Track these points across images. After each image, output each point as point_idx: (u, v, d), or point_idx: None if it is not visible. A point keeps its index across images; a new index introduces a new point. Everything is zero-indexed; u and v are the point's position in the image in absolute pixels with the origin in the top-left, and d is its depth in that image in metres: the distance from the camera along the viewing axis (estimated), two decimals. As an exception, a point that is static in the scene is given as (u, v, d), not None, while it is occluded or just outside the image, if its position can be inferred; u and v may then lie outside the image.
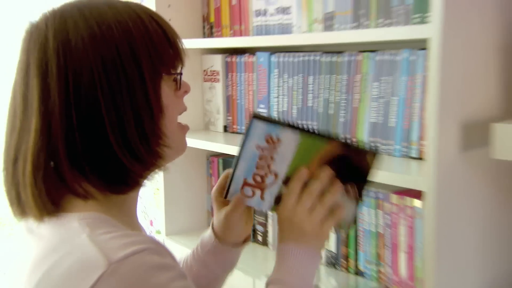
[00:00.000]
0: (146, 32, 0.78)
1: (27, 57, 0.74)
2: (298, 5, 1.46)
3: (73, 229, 0.70)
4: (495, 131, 1.03)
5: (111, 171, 0.75)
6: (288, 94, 1.52)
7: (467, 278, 1.22)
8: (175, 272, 0.72)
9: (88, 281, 0.63)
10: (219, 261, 1.09)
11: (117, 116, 0.74)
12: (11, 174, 0.76)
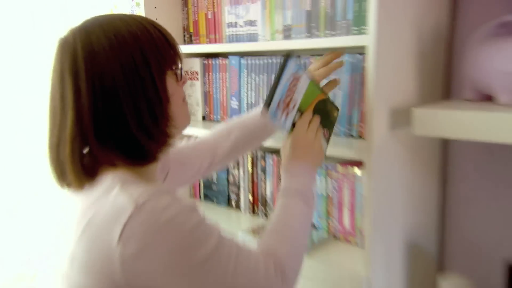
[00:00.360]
0: (152, 38, 0.84)
1: (61, 66, 0.81)
2: (262, 19, 1.49)
3: (108, 185, 0.78)
4: (414, 114, 1.09)
5: (131, 150, 0.82)
6: (255, 90, 1.55)
7: (393, 226, 1.28)
8: (185, 206, 0.78)
9: (121, 221, 0.72)
10: (261, 132, 1.25)
11: (134, 107, 0.80)
12: (55, 156, 0.83)
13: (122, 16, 0.87)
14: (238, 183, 1.66)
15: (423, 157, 1.36)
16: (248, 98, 1.58)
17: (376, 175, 1.16)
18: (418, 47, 1.24)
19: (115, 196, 0.76)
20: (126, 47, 0.82)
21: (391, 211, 1.25)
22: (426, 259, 1.41)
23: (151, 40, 0.85)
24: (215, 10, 1.62)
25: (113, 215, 0.74)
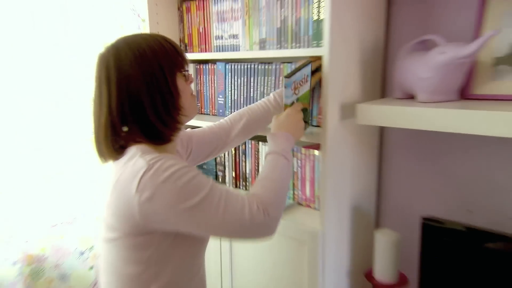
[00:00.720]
0: (165, 50, 0.93)
1: (99, 74, 0.91)
2: (243, 33, 1.51)
3: (132, 154, 0.87)
4: (358, 108, 1.17)
5: (150, 133, 0.91)
6: (237, 89, 1.59)
7: (342, 193, 1.34)
8: (184, 166, 0.87)
9: (138, 176, 0.82)
10: (265, 118, 1.29)
11: (151, 102, 0.89)
12: (96, 139, 0.93)
13: (143, 35, 0.95)
14: (224, 163, 1.68)
15: (365, 140, 1.41)
16: (231, 95, 1.60)
17: (329, 155, 1.22)
18: (361, 57, 1.29)
19: (135, 161, 0.85)
20: (146, 58, 0.90)
21: (341, 182, 1.31)
22: (366, 218, 1.46)
23: (164, 51, 0.93)
24: (205, 25, 1.65)
25: (132, 173, 0.83)
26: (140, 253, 0.89)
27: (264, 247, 1.39)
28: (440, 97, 1.09)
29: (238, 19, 1.51)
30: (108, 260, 0.93)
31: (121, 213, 0.85)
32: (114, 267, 0.93)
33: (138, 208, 0.82)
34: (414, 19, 1.31)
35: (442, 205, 1.34)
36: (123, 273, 0.91)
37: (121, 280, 0.92)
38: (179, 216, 0.84)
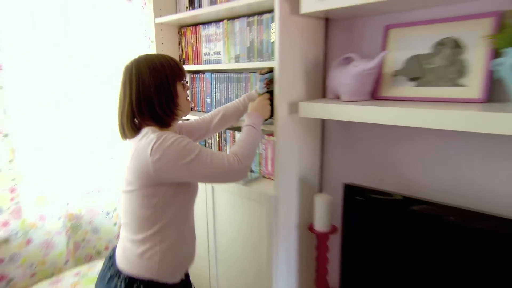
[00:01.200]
0: (170, 66, 1.02)
1: (124, 78, 1.00)
2: (223, 51, 1.53)
3: (145, 132, 0.96)
4: (300, 106, 1.22)
5: (157, 120, 1.00)
6: (219, 92, 1.60)
7: (292, 168, 1.35)
8: (182, 137, 0.95)
9: (151, 145, 0.91)
10: (236, 115, 1.33)
11: (159, 100, 0.99)
12: (120, 123, 1.01)
13: (157, 55, 1.04)
14: (210, 147, 1.69)
15: (310, 129, 1.43)
16: (215, 97, 1.62)
17: (280, 141, 1.27)
18: (305, 68, 1.32)
19: (148, 136, 0.94)
20: (157, 70, 1.00)
21: (290, 160, 1.35)
22: (310, 186, 1.47)
23: (170, 66, 1.02)
24: (197, 45, 1.67)
25: (146, 143, 0.93)
26: (150, 200, 0.97)
27: (237, 207, 1.42)
28: (356, 97, 1.16)
29: (220, 40, 1.53)
30: (127, 207, 1.00)
31: (139, 171, 0.93)
32: (131, 211, 0.99)
33: (152, 166, 0.91)
34: (343, 42, 1.34)
35: (363, 175, 1.37)
36: (138, 215, 0.98)
37: (137, 221, 0.99)
38: (180, 169, 0.93)
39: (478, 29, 1.00)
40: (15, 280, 1.43)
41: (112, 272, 0.99)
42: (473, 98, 1.00)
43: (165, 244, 0.98)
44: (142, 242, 0.97)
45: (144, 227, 0.97)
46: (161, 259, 0.97)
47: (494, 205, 1.07)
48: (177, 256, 1.02)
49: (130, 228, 0.99)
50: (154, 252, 0.97)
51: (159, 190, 0.96)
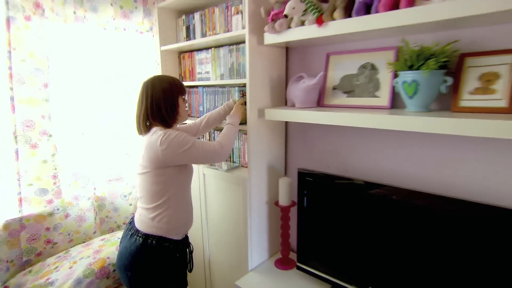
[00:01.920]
0: (176, 85, 1.19)
1: (142, 91, 1.17)
2: (212, 71, 1.66)
3: (155, 130, 1.12)
4: (266, 111, 1.37)
5: (163, 122, 1.16)
6: (209, 102, 1.71)
7: (262, 158, 1.48)
8: (181, 133, 1.10)
9: (160, 138, 1.05)
10: (219, 119, 1.48)
11: (165, 107, 1.15)
12: (137, 123, 1.17)
13: (167, 76, 1.20)
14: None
15: (275, 128, 1.55)
16: (206, 105, 1.74)
17: (252, 138, 1.42)
18: (271, 84, 1.48)
19: (157, 132, 1.10)
20: (166, 87, 1.16)
21: (261, 152, 1.48)
22: (277, 171, 1.60)
23: (175, 85, 1.19)
24: (192, 66, 1.80)
25: (156, 137, 1.08)
26: (159, 178, 1.14)
27: (222, 188, 1.58)
28: (306, 105, 1.35)
29: (209, 63, 1.68)
30: (142, 185, 1.17)
31: (151, 158, 1.10)
32: (145, 187, 1.16)
33: (161, 153, 1.08)
34: (299, 65, 1.51)
35: (315, 162, 1.54)
36: (150, 190, 1.15)
37: (149, 194, 1.15)
38: (180, 155, 1.10)
39: (386, 57, 1.24)
40: (58, 243, 1.66)
41: (132, 232, 1.19)
42: (384, 105, 1.23)
43: (170, 211, 1.16)
44: (153, 210, 1.16)
45: (155, 199, 1.15)
46: (167, 221, 1.16)
47: (404, 181, 1.28)
48: (179, 220, 1.20)
49: (145, 200, 1.17)
50: (162, 216, 1.16)
51: (165, 171, 1.13)
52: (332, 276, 1.36)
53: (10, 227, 1.52)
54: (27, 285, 1.39)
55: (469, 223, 1.00)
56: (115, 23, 1.81)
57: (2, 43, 1.41)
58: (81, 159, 1.75)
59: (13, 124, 1.47)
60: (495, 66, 1.01)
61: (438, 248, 1.06)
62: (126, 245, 1.18)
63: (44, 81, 1.54)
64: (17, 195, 1.52)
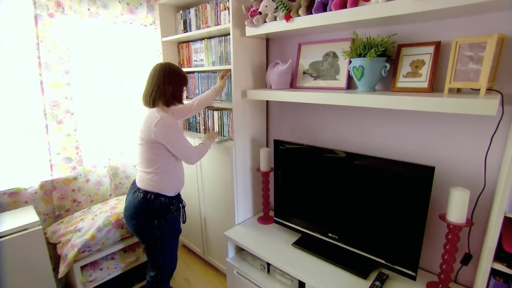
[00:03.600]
0: (185, 77, 1.36)
1: (152, 73, 1.31)
2: (205, 58, 1.83)
3: (155, 110, 1.28)
4: (248, 92, 1.57)
5: (166, 101, 1.32)
6: (203, 85, 1.90)
7: (245, 133, 1.66)
8: (174, 120, 1.24)
9: (155, 120, 1.22)
10: (209, 99, 1.60)
11: (173, 92, 1.33)
12: (144, 98, 1.33)
13: (178, 67, 1.35)
14: (199, 123, 1.99)
15: (258, 106, 1.75)
16: (200, 88, 1.93)
17: (236, 115, 1.62)
18: (253, 69, 1.66)
19: (155, 114, 1.25)
20: (179, 76, 1.33)
21: (244, 127, 1.67)
22: (259, 143, 1.81)
23: (184, 77, 1.35)
24: (189, 55, 1.98)
25: (153, 119, 1.24)
26: (153, 150, 1.30)
27: (214, 158, 1.79)
28: (280, 87, 1.56)
29: (202, 52, 1.88)
30: (141, 153, 1.34)
31: (147, 133, 1.28)
32: (142, 156, 1.33)
33: (152, 132, 1.26)
34: (276, 53, 1.72)
35: (291, 135, 1.75)
36: (147, 158, 1.33)
37: (146, 161, 1.33)
38: (166, 140, 1.28)
39: (344, 47, 1.48)
40: (82, 202, 1.98)
41: (135, 189, 1.39)
42: (342, 87, 1.46)
43: (162, 174, 1.36)
44: (149, 173, 1.36)
45: (150, 165, 1.34)
46: (160, 182, 1.36)
47: (354, 146, 1.53)
48: (171, 181, 1.40)
49: (143, 165, 1.37)
50: (158, 177, 1.36)
51: (158, 145, 1.32)
52: (301, 227, 1.64)
53: (45, 187, 1.84)
54: (61, 232, 1.73)
55: (398, 177, 1.26)
56: (123, 17, 2.04)
57: (32, 36, 1.69)
58: (98, 134, 2.00)
59: (42, 103, 1.76)
60: (421, 55, 1.25)
61: (373, 197, 1.33)
62: (130, 200, 1.39)
63: (66, 68, 1.81)
64: (48, 162, 1.83)
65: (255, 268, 1.65)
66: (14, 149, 1.71)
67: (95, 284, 1.71)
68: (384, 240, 1.32)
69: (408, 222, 1.25)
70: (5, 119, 1.66)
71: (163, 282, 1.50)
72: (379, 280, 1.30)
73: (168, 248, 1.43)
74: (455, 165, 1.25)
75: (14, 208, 1.70)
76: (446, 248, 1.19)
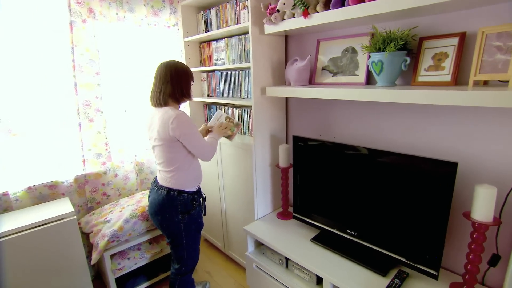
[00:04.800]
0: (190, 72, 1.39)
1: (158, 72, 1.34)
2: (226, 57, 1.87)
3: (168, 109, 1.31)
4: (267, 89, 1.58)
5: (175, 99, 1.36)
6: (223, 83, 1.95)
7: (265, 128, 1.65)
8: (188, 117, 1.28)
9: (172, 118, 1.24)
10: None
11: (178, 88, 1.34)
12: (152, 97, 1.36)
13: (182, 63, 1.37)
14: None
15: (277, 103, 1.76)
16: (221, 86, 1.97)
17: (256, 112, 1.64)
18: (272, 66, 1.67)
19: (169, 112, 1.28)
20: (185, 72, 1.35)
21: (263, 123, 1.70)
22: (279, 139, 1.82)
23: (190, 72, 1.38)
24: (210, 54, 2.03)
25: (169, 116, 1.27)
26: (172, 149, 1.33)
27: (234, 154, 1.83)
28: (299, 83, 1.58)
29: (223, 50, 1.93)
30: (159, 154, 1.37)
31: (165, 133, 1.30)
32: (162, 156, 1.36)
33: (171, 130, 1.28)
34: (295, 50, 1.72)
35: (310, 131, 1.75)
36: (167, 158, 1.35)
37: (166, 161, 1.36)
38: (182, 135, 1.30)
39: (363, 41, 1.47)
40: (111, 196, 2.10)
41: (158, 187, 1.44)
42: (361, 82, 1.45)
43: (184, 171, 1.40)
44: (171, 172, 1.40)
45: (171, 164, 1.38)
46: (182, 178, 1.41)
47: (374, 142, 1.51)
48: (191, 177, 1.44)
49: (164, 165, 1.40)
50: (178, 175, 1.40)
51: (176, 144, 1.35)
52: (320, 223, 1.65)
53: (78, 181, 1.98)
54: (92, 222, 1.87)
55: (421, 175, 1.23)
56: (148, 20, 2.14)
57: (67, 41, 1.83)
58: (125, 131, 2.10)
59: (76, 103, 1.90)
60: (445, 47, 1.22)
61: (394, 194, 1.31)
62: (154, 197, 1.44)
63: (96, 70, 1.93)
64: (81, 157, 1.97)
65: (274, 263, 1.67)
66: (52, 145, 1.85)
67: (123, 272, 1.82)
68: (404, 238, 1.30)
69: (429, 219, 1.22)
70: (44, 118, 1.81)
71: (187, 274, 1.56)
72: (399, 278, 1.28)
73: (191, 242, 1.49)
74: (480, 161, 1.20)
75: (53, 199, 1.85)
76: (471, 247, 1.15)
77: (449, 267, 1.36)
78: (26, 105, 1.73)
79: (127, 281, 1.91)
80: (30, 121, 1.76)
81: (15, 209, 1.72)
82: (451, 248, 1.34)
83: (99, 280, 2.07)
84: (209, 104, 2.24)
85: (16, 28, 1.64)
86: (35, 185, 1.80)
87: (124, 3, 2.01)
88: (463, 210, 1.28)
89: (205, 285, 1.91)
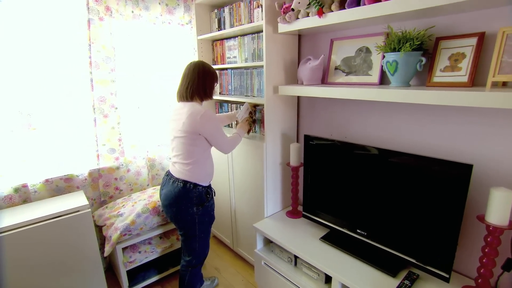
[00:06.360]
0: (216, 75, 1.44)
1: (189, 69, 1.40)
2: (238, 55, 1.88)
3: (194, 104, 1.37)
4: (280, 88, 1.59)
5: (199, 96, 1.41)
6: (235, 82, 1.95)
7: (276, 127, 1.69)
8: (214, 113, 1.34)
9: (200, 113, 1.32)
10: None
11: (203, 87, 1.41)
12: (179, 93, 1.41)
13: (210, 66, 1.43)
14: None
15: (289, 102, 1.77)
16: (233, 84, 1.97)
17: (267, 110, 1.65)
18: (284, 65, 1.68)
19: (196, 107, 1.33)
20: (212, 74, 1.41)
21: (275, 122, 1.70)
22: (290, 138, 1.83)
23: (216, 75, 1.44)
24: (223, 52, 2.06)
25: (197, 111, 1.32)
26: (193, 142, 1.38)
27: (245, 151, 1.84)
28: (312, 82, 1.59)
29: (236, 49, 1.94)
30: (179, 146, 1.41)
31: (191, 126, 1.35)
32: (182, 148, 1.40)
33: (199, 126, 1.34)
34: (309, 49, 1.72)
35: (321, 130, 1.76)
36: (187, 150, 1.40)
37: (186, 153, 1.41)
38: (208, 131, 1.37)
39: (377, 41, 1.46)
40: (123, 190, 2.15)
41: (173, 179, 1.48)
42: (374, 82, 1.45)
43: (200, 164, 1.46)
44: (188, 164, 1.45)
45: (190, 157, 1.43)
46: (198, 172, 1.46)
47: (385, 143, 1.51)
48: (206, 171, 1.50)
49: (182, 157, 1.45)
50: (195, 169, 1.45)
51: (198, 137, 1.41)
52: (329, 222, 1.65)
53: (92, 175, 2.03)
54: (105, 215, 1.91)
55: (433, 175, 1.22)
56: (162, 18, 2.17)
57: (85, 38, 1.87)
58: (137, 127, 2.16)
59: (91, 99, 1.94)
60: (462, 48, 1.21)
61: (405, 195, 1.30)
62: (169, 189, 1.47)
63: (112, 67, 1.97)
64: (96, 152, 2.02)
65: (282, 260, 1.69)
66: (69, 139, 1.90)
67: (135, 265, 1.86)
68: (415, 239, 1.29)
69: (442, 221, 1.21)
70: (62, 113, 1.86)
71: (197, 266, 1.60)
72: (409, 279, 1.28)
73: (204, 234, 1.53)
74: (496, 164, 1.18)
75: (68, 192, 1.91)
76: (484, 251, 1.14)
77: (460, 270, 1.35)
78: (45, 101, 1.78)
79: (138, 273, 1.96)
80: (49, 116, 1.81)
81: (33, 201, 1.77)
82: (463, 251, 1.33)
83: (111, 272, 2.13)
84: (221, 102, 2.26)
85: (36, 26, 1.69)
86: (52, 178, 1.85)
87: (139, 1, 2.05)
88: (476, 213, 1.26)
89: (214, 280, 1.94)
